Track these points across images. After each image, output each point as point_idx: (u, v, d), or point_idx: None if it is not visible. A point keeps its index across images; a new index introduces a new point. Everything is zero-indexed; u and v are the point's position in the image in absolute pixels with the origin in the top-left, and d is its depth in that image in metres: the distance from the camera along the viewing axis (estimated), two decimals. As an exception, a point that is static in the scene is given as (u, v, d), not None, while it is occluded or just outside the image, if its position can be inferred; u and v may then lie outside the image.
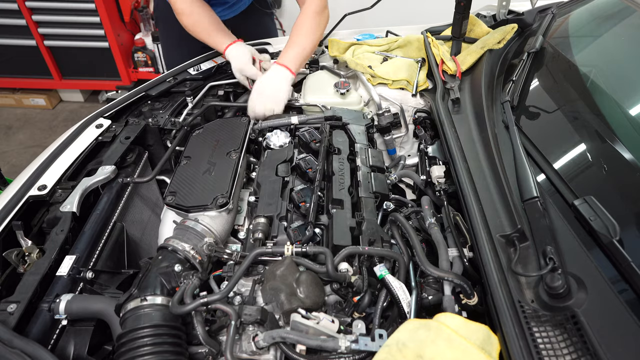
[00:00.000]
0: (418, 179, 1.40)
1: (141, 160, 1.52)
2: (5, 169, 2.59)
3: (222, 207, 1.13)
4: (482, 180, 1.12)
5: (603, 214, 0.87)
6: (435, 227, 1.10)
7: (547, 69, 1.44)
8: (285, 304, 0.90)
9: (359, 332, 0.88)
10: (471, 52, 1.61)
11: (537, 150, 1.14)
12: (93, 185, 1.28)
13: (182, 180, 1.23)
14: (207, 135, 1.41)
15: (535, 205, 0.97)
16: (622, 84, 1.23)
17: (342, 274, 0.97)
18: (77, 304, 0.98)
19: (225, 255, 1.06)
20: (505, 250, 0.95)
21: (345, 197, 1.18)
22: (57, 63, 3.58)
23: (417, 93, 1.63)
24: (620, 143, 1.02)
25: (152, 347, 0.84)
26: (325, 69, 1.79)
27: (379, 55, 1.79)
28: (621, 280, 0.81)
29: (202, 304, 0.88)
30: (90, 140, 1.41)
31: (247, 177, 1.39)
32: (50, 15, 3.31)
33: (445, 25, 1.87)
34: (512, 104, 1.30)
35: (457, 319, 0.83)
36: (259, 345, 0.87)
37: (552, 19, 1.66)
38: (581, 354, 0.73)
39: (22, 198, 1.19)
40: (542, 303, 0.82)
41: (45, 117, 3.80)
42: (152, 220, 1.52)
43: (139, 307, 0.90)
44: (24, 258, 1.09)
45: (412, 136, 1.70)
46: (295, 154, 1.34)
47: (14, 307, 0.95)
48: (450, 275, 0.95)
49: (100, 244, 1.20)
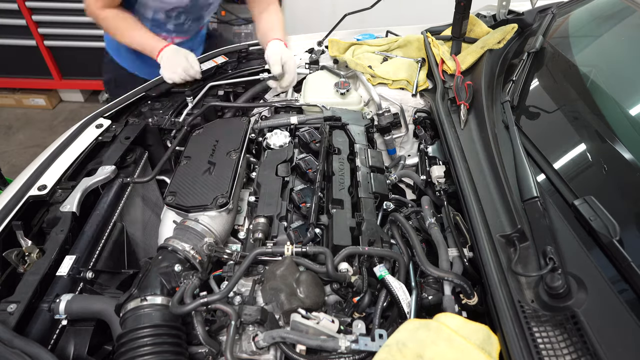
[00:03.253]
0: (418, 179, 1.40)
1: (141, 160, 1.52)
2: (5, 169, 2.59)
3: (222, 207, 1.13)
4: (482, 180, 1.12)
5: (603, 214, 0.87)
6: (435, 227, 1.10)
7: (547, 69, 1.44)
8: (285, 304, 0.90)
9: (359, 332, 0.88)
10: (471, 52, 1.61)
11: (537, 150, 1.14)
12: (93, 185, 1.28)
13: (182, 180, 1.23)
14: (207, 135, 1.41)
15: (535, 205, 0.97)
16: (622, 84, 1.23)
17: (342, 274, 0.97)
18: (77, 304, 0.97)
19: (225, 255, 1.06)
20: (505, 250, 0.95)
21: (345, 197, 1.18)
22: (57, 63, 3.58)
23: (417, 93, 1.63)
24: (620, 143, 1.02)
25: (152, 347, 0.84)
26: (325, 69, 1.79)
27: (379, 55, 1.79)
28: (621, 280, 0.81)
29: (202, 304, 0.88)
30: (90, 140, 1.41)
31: (247, 177, 1.39)
32: (50, 15, 3.31)
33: (445, 25, 1.87)
34: (512, 104, 1.30)
35: (457, 319, 0.83)
36: (259, 345, 0.87)
37: (552, 19, 1.66)
38: (581, 354, 0.73)
39: (22, 198, 1.19)
40: (542, 303, 0.82)
41: (45, 117, 3.80)
42: (152, 220, 1.52)
43: (139, 307, 0.90)
44: (24, 258, 1.09)
45: (412, 136, 1.70)
46: (295, 154, 1.34)
47: (14, 307, 0.94)
48: (450, 275, 0.95)
49: (100, 244, 1.20)
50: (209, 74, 1.76)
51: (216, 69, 1.78)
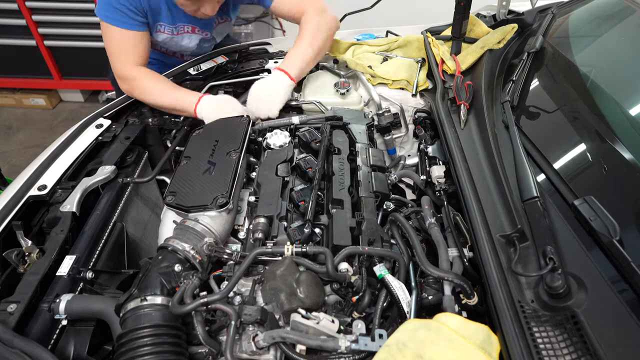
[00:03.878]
0: (418, 179, 1.40)
1: (141, 160, 1.52)
2: (5, 169, 2.59)
3: (222, 207, 1.13)
4: (482, 180, 1.12)
5: (603, 214, 0.87)
6: (435, 227, 1.10)
7: (547, 69, 1.44)
8: (285, 304, 0.90)
9: (359, 332, 0.88)
10: (471, 52, 1.61)
11: (537, 150, 1.14)
12: (93, 185, 1.28)
13: (182, 180, 1.23)
14: (207, 135, 1.41)
15: (535, 205, 0.97)
16: (622, 84, 1.23)
17: (342, 274, 0.97)
18: (77, 304, 0.98)
19: (225, 255, 1.06)
20: (505, 250, 0.95)
21: (345, 197, 1.18)
22: (57, 63, 3.58)
23: (417, 93, 1.63)
24: (620, 143, 1.02)
25: (152, 347, 0.84)
26: (325, 69, 1.79)
27: (379, 55, 1.79)
28: (621, 280, 0.81)
29: (202, 304, 0.88)
30: (90, 140, 1.41)
31: (247, 177, 1.39)
32: (50, 15, 3.31)
33: (445, 25, 1.87)
34: (512, 104, 1.30)
35: (457, 319, 0.83)
36: (259, 345, 0.87)
37: (552, 19, 1.66)
38: (581, 354, 0.73)
39: (22, 198, 1.19)
40: (542, 303, 0.82)
41: (45, 117, 3.80)
42: (152, 220, 1.52)
43: (139, 307, 0.90)
44: (24, 258, 1.09)
45: (412, 136, 1.70)
46: (295, 154, 1.34)
47: (14, 307, 0.95)
48: (450, 275, 0.95)
49: (100, 244, 1.20)
50: (209, 74, 1.76)
51: (216, 69, 1.78)
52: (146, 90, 1.54)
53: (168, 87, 1.57)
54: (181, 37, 1.74)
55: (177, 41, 1.75)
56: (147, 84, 1.54)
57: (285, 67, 1.55)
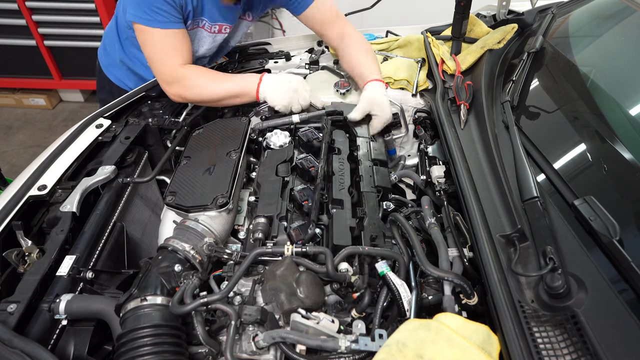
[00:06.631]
0: (418, 179, 1.40)
1: (141, 160, 1.52)
2: (5, 169, 2.59)
3: (222, 207, 1.13)
4: (482, 180, 1.12)
5: (603, 214, 0.87)
6: (435, 227, 1.10)
7: (547, 69, 1.44)
8: (285, 304, 0.90)
9: (359, 332, 0.88)
10: (471, 52, 1.61)
11: (537, 150, 1.14)
12: (93, 185, 1.28)
13: (182, 180, 1.23)
14: (207, 135, 1.41)
15: (535, 205, 0.97)
16: (622, 84, 1.23)
17: (342, 274, 0.97)
18: (77, 304, 0.97)
19: (225, 255, 1.06)
20: (505, 250, 0.95)
21: (345, 197, 1.18)
22: (57, 63, 3.58)
23: (417, 93, 1.63)
24: (620, 143, 1.02)
25: (152, 347, 0.84)
26: (325, 69, 1.79)
27: (379, 55, 1.79)
28: (621, 280, 0.81)
29: (202, 304, 0.88)
30: (90, 140, 1.41)
31: (247, 177, 1.39)
32: (50, 15, 3.30)
33: (445, 25, 1.87)
34: (512, 104, 1.30)
35: (457, 319, 0.83)
36: (259, 345, 0.87)
37: (552, 19, 1.66)
38: (581, 354, 0.73)
39: (22, 198, 1.19)
40: (542, 303, 0.82)
41: (45, 117, 3.80)
42: (152, 220, 1.52)
43: (139, 307, 0.90)
44: (24, 258, 1.09)
45: (412, 136, 1.70)
46: (295, 154, 1.34)
47: (14, 307, 0.94)
48: (450, 275, 0.95)
49: (100, 244, 1.20)
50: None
51: (216, 68, 1.78)
52: (199, 86, 1.46)
53: (220, 76, 1.51)
54: (214, 36, 1.66)
55: (213, 39, 1.67)
56: (198, 80, 1.46)
57: (378, 73, 1.58)
